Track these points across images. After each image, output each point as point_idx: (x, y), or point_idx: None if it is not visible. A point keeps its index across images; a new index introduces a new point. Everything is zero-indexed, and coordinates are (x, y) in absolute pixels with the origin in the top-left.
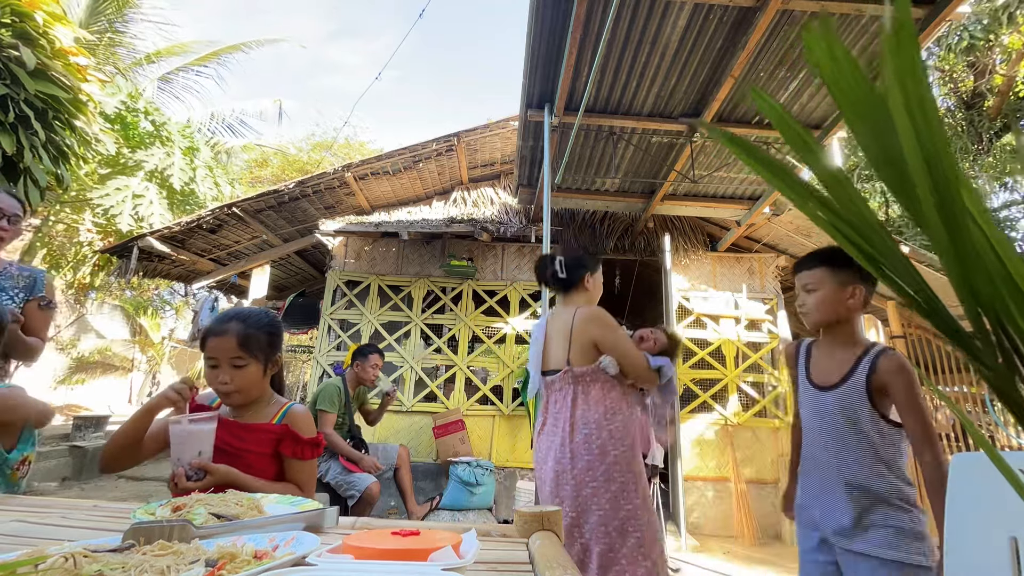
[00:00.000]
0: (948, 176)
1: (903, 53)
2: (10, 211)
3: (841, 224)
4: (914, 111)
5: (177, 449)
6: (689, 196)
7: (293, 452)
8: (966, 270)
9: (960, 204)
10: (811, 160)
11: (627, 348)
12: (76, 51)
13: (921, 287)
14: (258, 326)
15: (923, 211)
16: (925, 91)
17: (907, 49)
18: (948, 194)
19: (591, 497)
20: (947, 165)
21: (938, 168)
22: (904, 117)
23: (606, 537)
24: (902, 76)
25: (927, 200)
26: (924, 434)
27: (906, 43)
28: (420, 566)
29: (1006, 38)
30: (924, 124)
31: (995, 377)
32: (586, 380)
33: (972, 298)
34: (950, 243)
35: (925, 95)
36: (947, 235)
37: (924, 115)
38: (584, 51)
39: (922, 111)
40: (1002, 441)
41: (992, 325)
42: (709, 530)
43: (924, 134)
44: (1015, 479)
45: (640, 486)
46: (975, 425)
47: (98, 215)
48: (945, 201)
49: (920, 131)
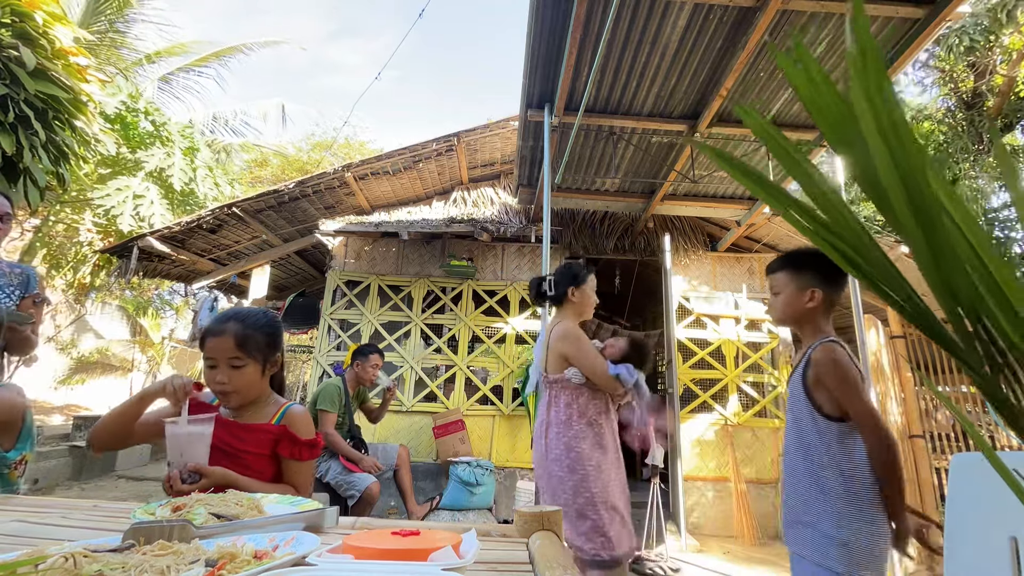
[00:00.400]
0: (923, 188)
1: (870, 76)
2: (2, 209)
3: (826, 233)
4: (886, 131)
5: (173, 450)
6: (689, 196)
7: (291, 453)
8: (943, 273)
9: (936, 213)
10: (797, 173)
11: (589, 360)
12: (76, 51)
13: (908, 293)
14: (256, 326)
15: (900, 221)
16: (895, 110)
17: (874, 71)
18: (924, 205)
19: (558, 484)
20: (921, 179)
21: (914, 182)
22: (876, 137)
23: (566, 519)
24: (871, 97)
25: (902, 212)
26: (862, 421)
27: (873, 65)
28: (420, 566)
29: (1006, 38)
30: (897, 143)
31: (980, 379)
32: (558, 386)
33: (951, 299)
34: (927, 249)
35: (895, 114)
36: (925, 242)
37: (896, 134)
38: (584, 51)
39: (894, 130)
40: (1002, 441)
41: (973, 326)
42: (709, 530)
43: (897, 152)
44: (1012, 480)
45: (600, 479)
46: (975, 425)
47: (99, 215)
48: (921, 211)
49: (894, 149)
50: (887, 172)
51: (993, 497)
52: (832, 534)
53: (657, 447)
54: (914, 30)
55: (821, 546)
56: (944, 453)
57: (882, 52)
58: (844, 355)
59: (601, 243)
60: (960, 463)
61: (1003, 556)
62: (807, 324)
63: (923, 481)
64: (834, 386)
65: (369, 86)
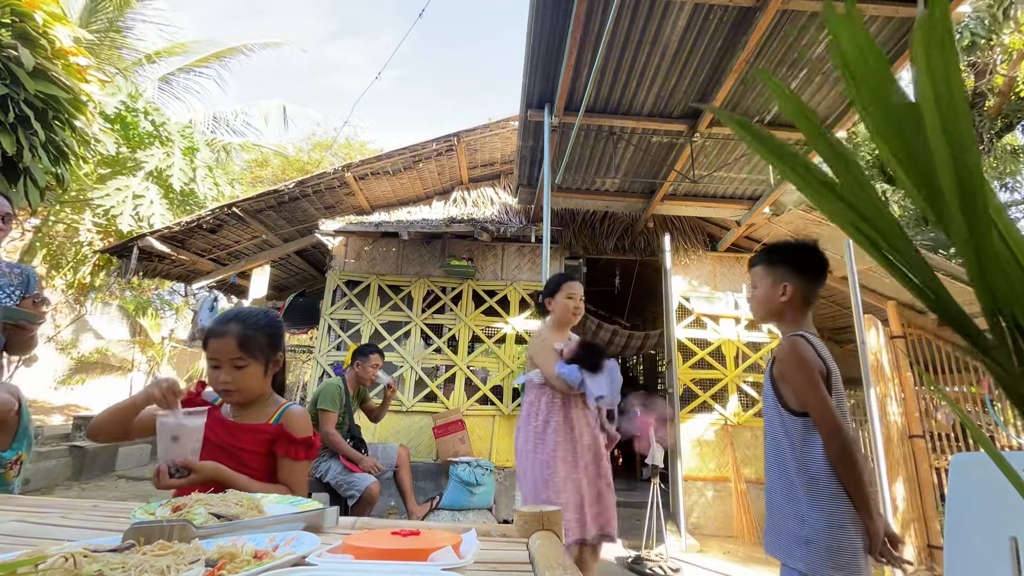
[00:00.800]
0: (972, 169)
1: (934, 34)
2: (2, 210)
3: (854, 217)
4: (942, 100)
5: (163, 444)
6: (689, 196)
7: (286, 452)
8: (985, 267)
9: (983, 199)
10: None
11: (540, 361)
12: (76, 51)
13: (930, 278)
14: (257, 327)
15: (946, 205)
16: (954, 72)
17: (940, 30)
18: (971, 188)
19: (528, 466)
20: (971, 157)
21: (962, 160)
22: (931, 106)
23: (533, 493)
24: (932, 59)
25: (951, 192)
26: (814, 413)
27: (939, 20)
28: (420, 566)
29: (1007, 37)
30: (951, 114)
31: (1008, 377)
32: (530, 384)
33: (990, 296)
34: (971, 239)
35: (953, 76)
36: (968, 231)
37: (952, 104)
38: (584, 51)
39: (950, 100)
40: (1002, 441)
41: (1008, 326)
42: (709, 530)
43: (950, 122)
44: (1017, 479)
45: (556, 463)
46: (976, 425)
47: (98, 215)
48: (968, 195)
49: (946, 118)
50: (937, 141)
51: (993, 497)
52: (797, 532)
53: (657, 447)
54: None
55: (788, 546)
56: (944, 453)
57: (949, 12)
58: (806, 347)
59: (601, 243)
60: (960, 463)
61: (1003, 556)
62: (783, 319)
63: (923, 481)
64: (792, 377)
65: (369, 86)
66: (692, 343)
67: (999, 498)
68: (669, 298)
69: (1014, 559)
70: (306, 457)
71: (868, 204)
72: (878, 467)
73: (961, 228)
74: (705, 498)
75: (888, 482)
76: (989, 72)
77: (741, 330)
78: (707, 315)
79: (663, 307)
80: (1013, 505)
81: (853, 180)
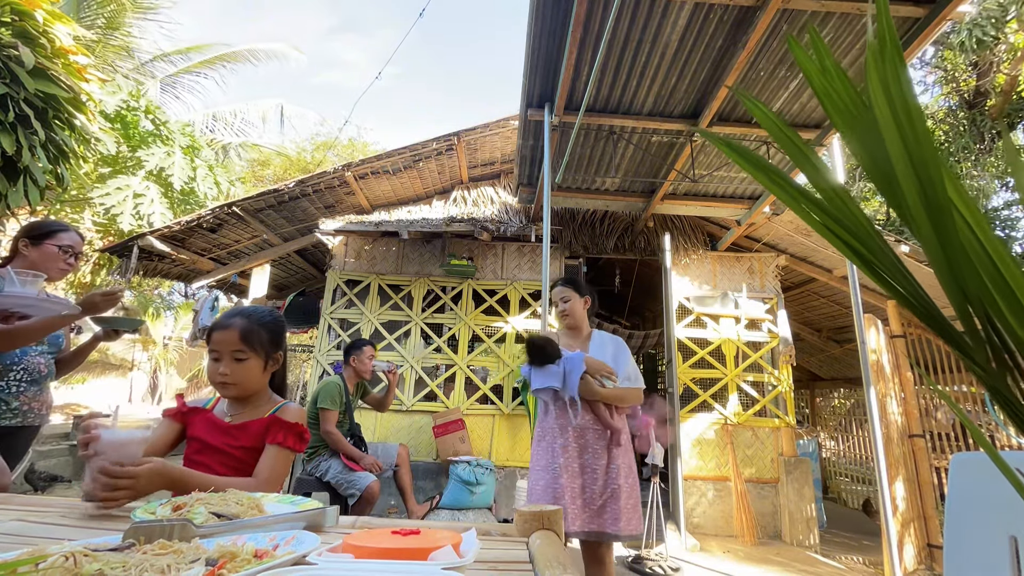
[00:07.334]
0: (935, 179)
1: (887, 62)
2: (79, 248)
3: (835, 226)
4: (900, 119)
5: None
6: (689, 195)
7: (274, 438)
8: (954, 269)
9: (947, 205)
10: (806, 167)
11: None
12: (76, 50)
13: (914, 287)
14: (261, 322)
15: (911, 213)
16: (910, 98)
17: (891, 58)
18: (935, 197)
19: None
20: (933, 170)
21: (925, 172)
22: (891, 125)
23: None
24: (887, 85)
25: (914, 203)
26: None
27: (890, 53)
28: (420, 565)
29: (1012, 36)
30: (911, 131)
31: (987, 375)
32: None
33: (961, 296)
34: (938, 243)
35: (910, 102)
36: (935, 235)
37: (910, 122)
38: (584, 51)
39: (908, 118)
40: (1002, 441)
41: (982, 323)
42: (709, 530)
43: (910, 140)
44: (1015, 479)
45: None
46: (975, 425)
47: (99, 214)
48: (932, 203)
49: (907, 138)
50: (900, 162)
51: (993, 496)
52: None
53: (657, 447)
54: (914, 30)
55: None
56: (944, 452)
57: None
58: None
59: (601, 242)
60: (960, 462)
61: (1003, 556)
62: None
63: (923, 480)
64: None
65: (370, 85)
66: (692, 342)
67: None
68: (669, 297)
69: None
70: (294, 446)
71: (848, 216)
72: (878, 467)
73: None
74: (705, 497)
75: (888, 481)
76: (992, 71)
77: (741, 329)
78: (707, 314)
79: (663, 306)
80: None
81: (834, 194)
